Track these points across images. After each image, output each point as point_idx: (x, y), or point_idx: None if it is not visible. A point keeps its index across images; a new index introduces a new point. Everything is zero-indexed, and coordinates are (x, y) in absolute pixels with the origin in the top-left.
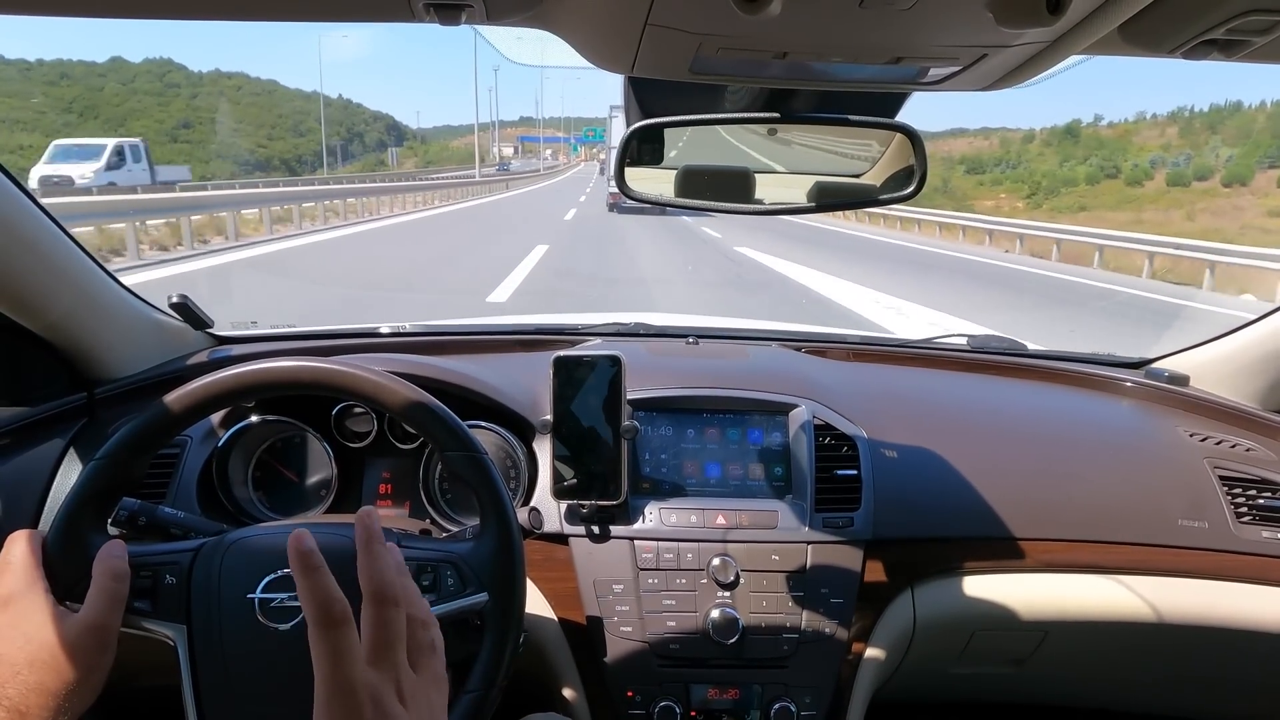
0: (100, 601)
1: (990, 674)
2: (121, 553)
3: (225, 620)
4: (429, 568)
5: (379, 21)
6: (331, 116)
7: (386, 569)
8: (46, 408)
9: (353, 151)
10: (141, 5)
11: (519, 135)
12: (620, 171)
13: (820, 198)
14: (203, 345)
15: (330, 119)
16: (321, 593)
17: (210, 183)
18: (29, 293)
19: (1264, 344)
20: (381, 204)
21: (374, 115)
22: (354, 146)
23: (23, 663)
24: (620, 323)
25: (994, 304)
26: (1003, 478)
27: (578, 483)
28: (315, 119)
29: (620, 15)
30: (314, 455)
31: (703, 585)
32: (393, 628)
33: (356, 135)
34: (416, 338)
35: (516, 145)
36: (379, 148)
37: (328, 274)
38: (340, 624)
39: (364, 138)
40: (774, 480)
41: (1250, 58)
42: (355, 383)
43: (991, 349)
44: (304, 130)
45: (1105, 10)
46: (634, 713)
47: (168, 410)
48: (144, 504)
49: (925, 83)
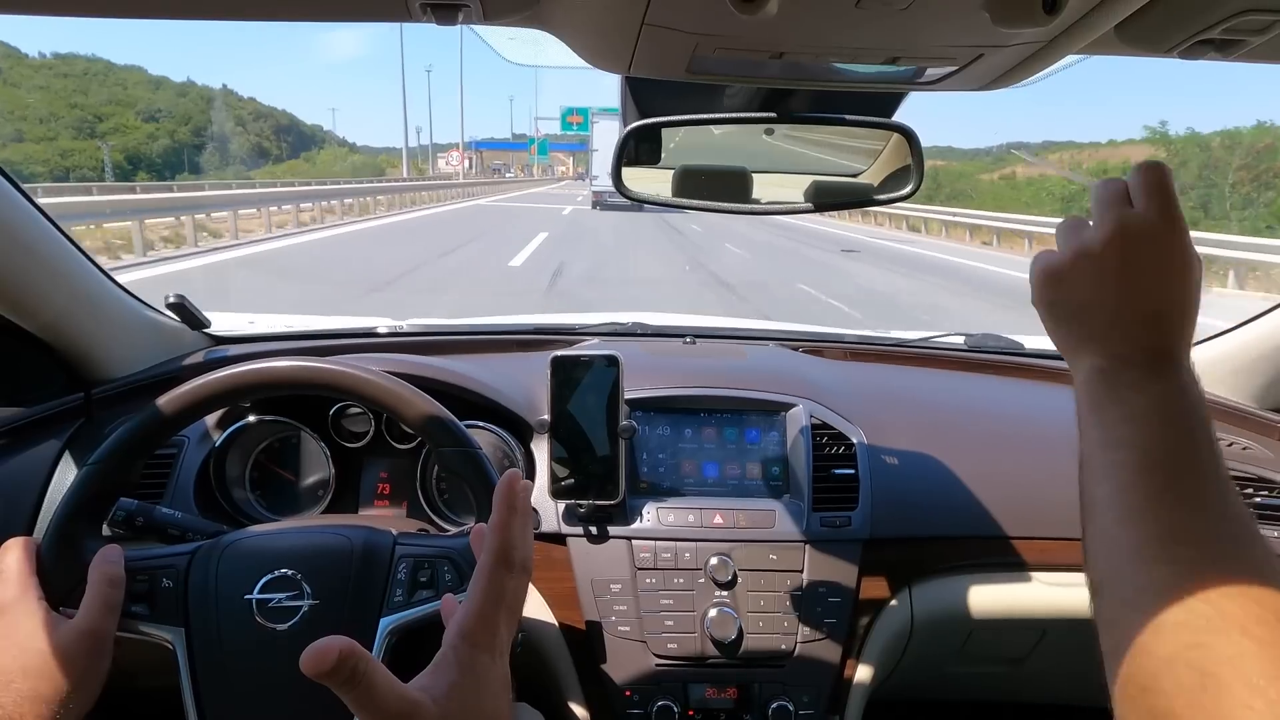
0: (95, 608)
1: (988, 673)
2: (117, 558)
3: (223, 622)
4: (426, 563)
5: (376, 21)
6: (185, 109)
7: (531, 542)
8: (43, 408)
9: (202, 163)
10: (142, 5)
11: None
12: (617, 171)
13: (818, 197)
14: (199, 345)
15: (181, 112)
16: (511, 535)
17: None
18: (25, 292)
19: (1261, 343)
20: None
21: (259, 112)
22: (207, 155)
23: (16, 671)
24: (618, 323)
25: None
26: (1000, 477)
27: (575, 483)
28: (147, 113)
29: (617, 15)
30: (311, 455)
31: (700, 585)
32: (522, 596)
33: (213, 140)
34: (414, 338)
35: (471, 156)
36: (256, 157)
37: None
38: (509, 568)
39: (228, 143)
40: (771, 480)
41: (1247, 57)
42: (351, 381)
43: (989, 348)
44: (119, 128)
45: (1102, 10)
46: (632, 712)
47: (163, 412)
48: (141, 504)
49: (922, 82)
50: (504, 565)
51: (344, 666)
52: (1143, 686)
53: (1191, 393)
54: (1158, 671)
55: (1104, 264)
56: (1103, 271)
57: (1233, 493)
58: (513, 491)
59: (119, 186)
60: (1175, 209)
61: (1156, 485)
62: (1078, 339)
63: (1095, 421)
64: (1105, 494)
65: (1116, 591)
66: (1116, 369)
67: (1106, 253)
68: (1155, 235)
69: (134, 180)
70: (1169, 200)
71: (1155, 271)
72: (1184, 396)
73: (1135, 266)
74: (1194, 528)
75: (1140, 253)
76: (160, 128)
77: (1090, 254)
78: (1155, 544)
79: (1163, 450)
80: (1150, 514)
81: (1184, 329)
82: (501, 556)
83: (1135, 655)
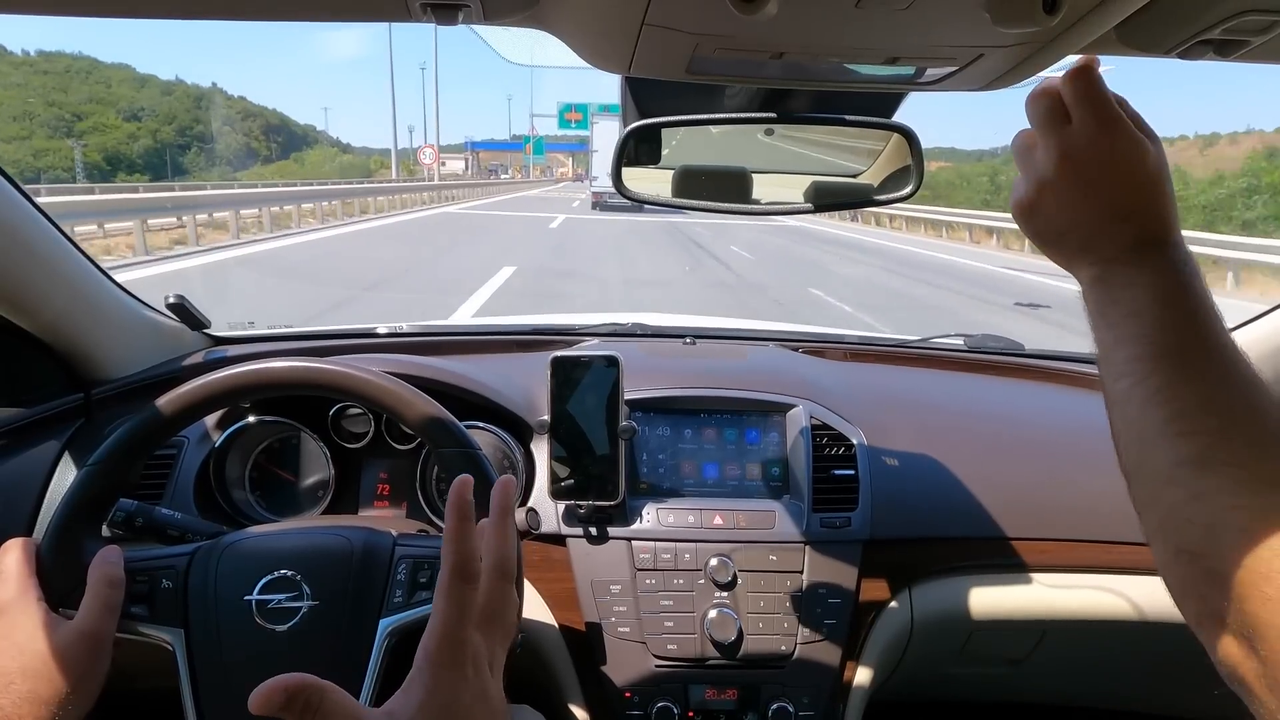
0: (94, 609)
1: (988, 673)
2: (117, 559)
3: (223, 623)
4: (426, 564)
5: (376, 21)
6: (170, 108)
7: (513, 544)
8: (43, 408)
9: (186, 164)
10: (142, 5)
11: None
12: (618, 171)
13: (817, 198)
14: (199, 346)
15: (166, 111)
16: (468, 547)
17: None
18: (25, 292)
19: (1262, 343)
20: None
21: (249, 111)
22: (191, 156)
23: (15, 672)
24: (618, 323)
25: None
26: (1000, 478)
27: (575, 483)
28: (129, 112)
29: (617, 15)
30: (311, 456)
31: (700, 586)
32: (506, 601)
33: (198, 139)
34: (413, 338)
35: (468, 158)
36: (244, 157)
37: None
38: (473, 580)
39: (213, 144)
40: (771, 481)
41: (1247, 58)
42: (351, 382)
43: (989, 349)
44: (99, 127)
45: (1102, 10)
46: (632, 713)
47: (163, 412)
48: (141, 505)
49: (922, 82)
50: (461, 578)
51: (295, 702)
52: (1193, 554)
53: (1184, 270)
54: (1203, 537)
55: (1061, 189)
56: (1063, 196)
57: (1240, 359)
58: (464, 501)
59: (77, 187)
60: (1108, 109)
61: (1170, 368)
62: (1067, 257)
63: (1103, 324)
64: (1125, 388)
65: (1150, 472)
66: (1110, 273)
67: (1060, 179)
68: (1097, 143)
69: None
70: (1100, 103)
71: (1111, 176)
72: (1178, 276)
73: (1091, 180)
74: (1214, 399)
75: (1090, 166)
76: (142, 127)
77: (1047, 182)
78: (1181, 420)
79: (1168, 336)
80: (1170, 394)
81: (1158, 210)
82: (457, 570)
83: (1180, 526)
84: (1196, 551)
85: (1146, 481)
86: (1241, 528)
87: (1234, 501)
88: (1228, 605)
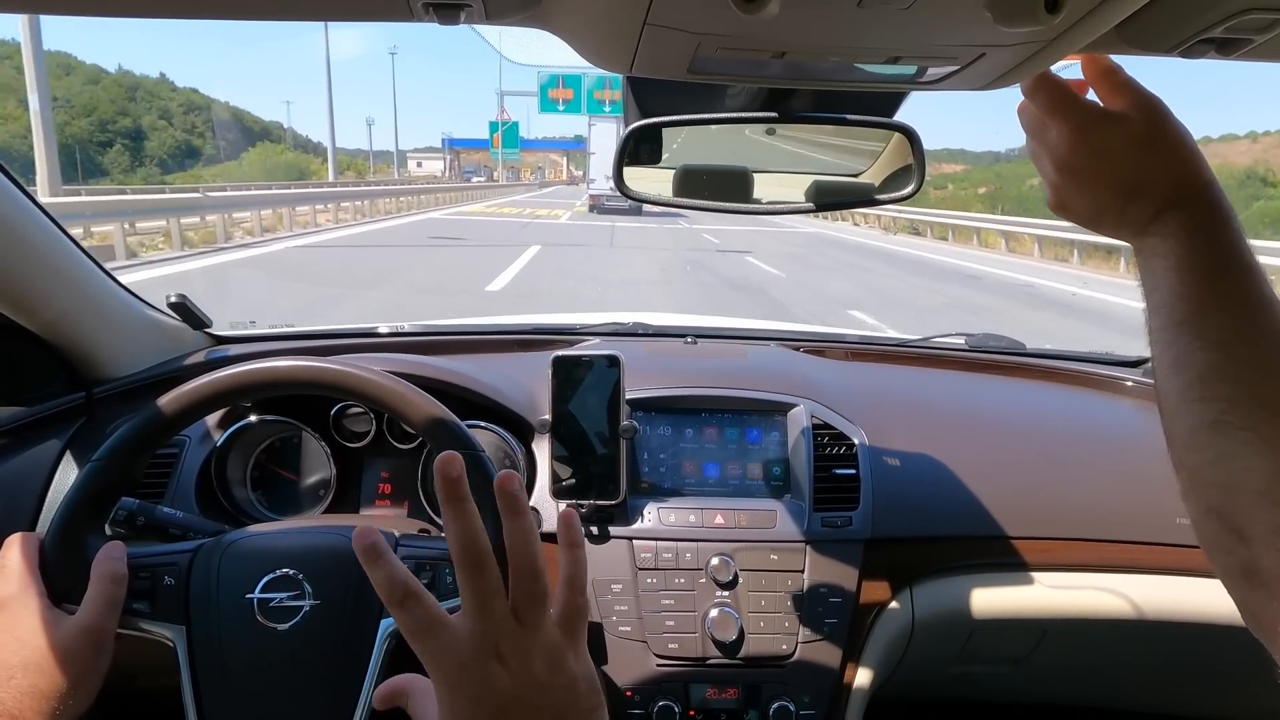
0: (97, 604)
1: (989, 673)
2: (120, 555)
3: (224, 621)
4: (428, 565)
5: (378, 21)
6: (91, 99)
7: (583, 566)
8: (45, 407)
9: (104, 164)
10: (142, 5)
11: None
12: (619, 171)
13: (819, 197)
14: (201, 345)
15: (84, 102)
16: (470, 529)
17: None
18: (26, 291)
19: None
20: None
21: (192, 104)
22: (113, 154)
23: (16, 666)
24: (619, 322)
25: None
26: (1001, 477)
27: (576, 483)
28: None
29: (619, 15)
30: (312, 455)
31: (701, 585)
32: (580, 613)
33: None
34: (415, 338)
35: (446, 156)
36: (183, 157)
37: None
38: (482, 566)
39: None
40: (772, 480)
41: (1248, 56)
42: (353, 381)
43: (990, 348)
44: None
45: (1104, 9)
46: (633, 712)
47: (165, 411)
48: (143, 504)
49: (923, 82)
50: (467, 568)
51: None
52: (1219, 513)
53: (1207, 227)
54: (1224, 498)
55: (1070, 186)
56: (1076, 190)
57: (1264, 312)
58: (451, 481)
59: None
60: (1074, 111)
61: (1184, 337)
62: (1109, 232)
63: (1143, 294)
64: (1156, 355)
65: (1178, 437)
66: (1143, 244)
67: (1064, 180)
68: (1076, 146)
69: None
70: (1064, 107)
71: (1102, 166)
72: (1198, 236)
73: (1087, 178)
74: (1225, 366)
75: (1079, 166)
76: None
77: (1057, 183)
78: (1194, 387)
79: (1183, 305)
80: (1185, 362)
81: (1167, 172)
82: (463, 560)
83: (1205, 487)
84: (1221, 511)
85: (1175, 446)
86: (1257, 489)
87: (1248, 464)
88: (1250, 560)
